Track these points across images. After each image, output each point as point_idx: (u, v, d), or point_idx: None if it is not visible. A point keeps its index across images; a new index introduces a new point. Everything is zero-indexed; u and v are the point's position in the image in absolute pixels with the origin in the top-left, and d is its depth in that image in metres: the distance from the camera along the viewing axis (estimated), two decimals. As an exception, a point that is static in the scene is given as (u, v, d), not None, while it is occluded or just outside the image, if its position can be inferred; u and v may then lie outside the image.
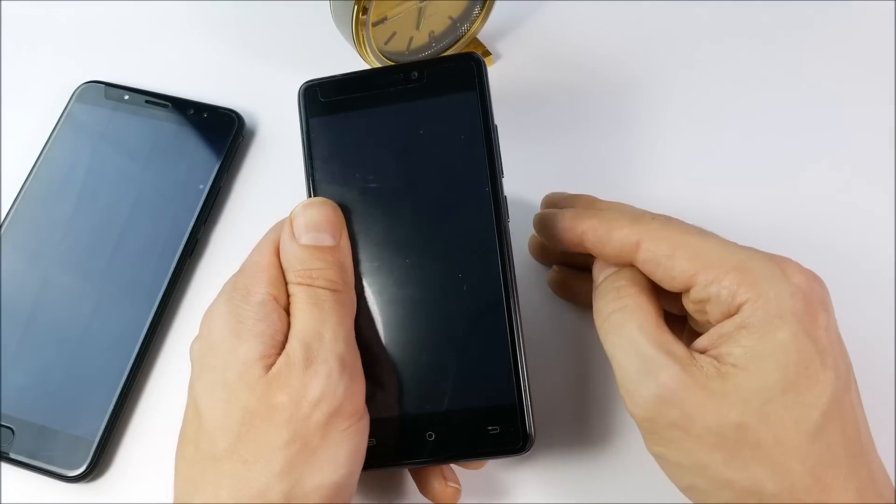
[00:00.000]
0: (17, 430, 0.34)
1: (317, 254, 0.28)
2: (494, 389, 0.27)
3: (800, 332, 0.24)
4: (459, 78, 0.29)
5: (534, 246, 0.36)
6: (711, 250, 0.27)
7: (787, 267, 0.26)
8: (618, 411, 0.34)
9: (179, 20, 0.46)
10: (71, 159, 0.41)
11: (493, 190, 0.28)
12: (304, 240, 0.28)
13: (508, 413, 0.27)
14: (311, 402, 0.25)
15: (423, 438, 0.28)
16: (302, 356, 0.26)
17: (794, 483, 0.24)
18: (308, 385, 0.25)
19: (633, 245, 0.28)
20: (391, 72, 0.30)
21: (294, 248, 0.28)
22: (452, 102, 0.29)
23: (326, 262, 0.27)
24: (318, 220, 0.28)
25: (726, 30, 0.44)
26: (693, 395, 0.25)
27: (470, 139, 0.28)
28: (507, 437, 0.27)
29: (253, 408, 0.25)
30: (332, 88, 0.30)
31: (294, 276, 0.27)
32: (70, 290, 0.37)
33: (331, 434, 0.25)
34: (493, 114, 0.29)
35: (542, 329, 0.36)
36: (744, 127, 0.41)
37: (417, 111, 0.29)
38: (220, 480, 0.25)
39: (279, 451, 0.25)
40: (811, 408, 0.24)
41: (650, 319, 0.27)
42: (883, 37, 0.43)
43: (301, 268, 0.27)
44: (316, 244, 0.28)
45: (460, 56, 0.29)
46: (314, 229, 0.28)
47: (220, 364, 0.26)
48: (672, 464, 0.26)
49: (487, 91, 0.29)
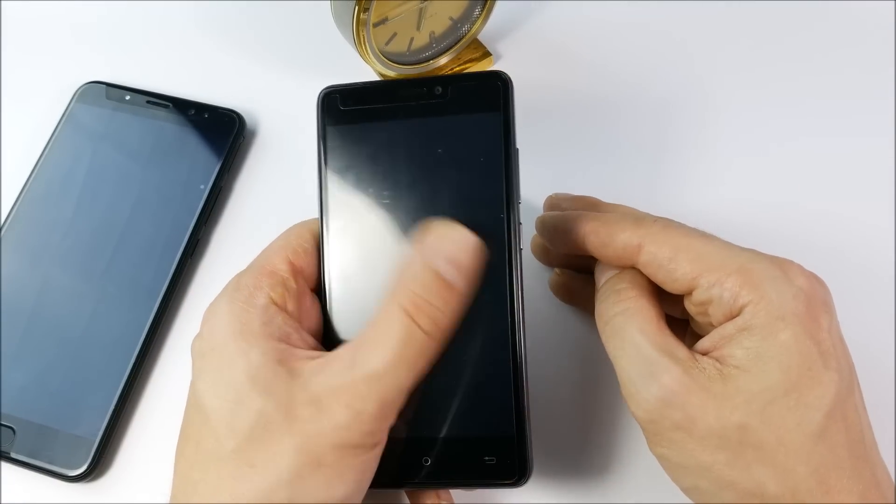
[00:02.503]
0: (18, 429, 0.34)
1: (444, 292, 0.24)
2: (493, 419, 0.27)
3: (802, 333, 0.25)
4: (484, 96, 0.28)
5: (536, 247, 0.36)
6: (713, 252, 0.27)
7: (789, 269, 0.26)
8: (620, 411, 0.34)
9: (180, 21, 0.46)
10: (72, 160, 0.41)
11: (507, 216, 0.27)
12: (440, 267, 0.24)
13: (506, 445, 0.26)
14: (333, 426, 0.24)
15: (420, 462, 0.27)
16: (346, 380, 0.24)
17: (796, 485, 0.24)
18: (338, 411, 0.24)
19: (634, 248, 0.28)
20: (414, 84, 0.29)
21: (423, 272, 0.25)
22: (475, 121, 0.28)
23: (447, 307, 0.24)
24: (465, 260, 0.25)
25: (729, 32, 0.44)
26: (695, 397, 0.25)
27: (489, 161, 0.27)
28: (502, 469, 0.26)
29: (269, 413, 0.24)
30: (352, 97, 0.29)
31: (404, 298, 0.24)
32: (71, 289, 0.37)
33: (346, 458, 0.24)
34: (515, 136, 0.27)
35: (545, 330, 0.36)
36: (744, 130, 0.41)
37: (438, 127, 0.28)
38: (222, 481, 0.24)
39: (290, 459, 0.24)
40: (814, 409, 0.24)
41: (652, 322, 0.27)
42: (883, 37, 0.43)
43: (417, 294, 0.24)
44: (448, 280, 0.25)
45: (487, 74, 0.28)
46: (455, 265, 0.25)
47: (227, 365, 0.25)
48: (675, 465, 0.26)
49: (512, 112, 0.27)
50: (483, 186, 0.27)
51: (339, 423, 0.24)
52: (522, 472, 0.26)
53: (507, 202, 0.27)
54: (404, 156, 0.28)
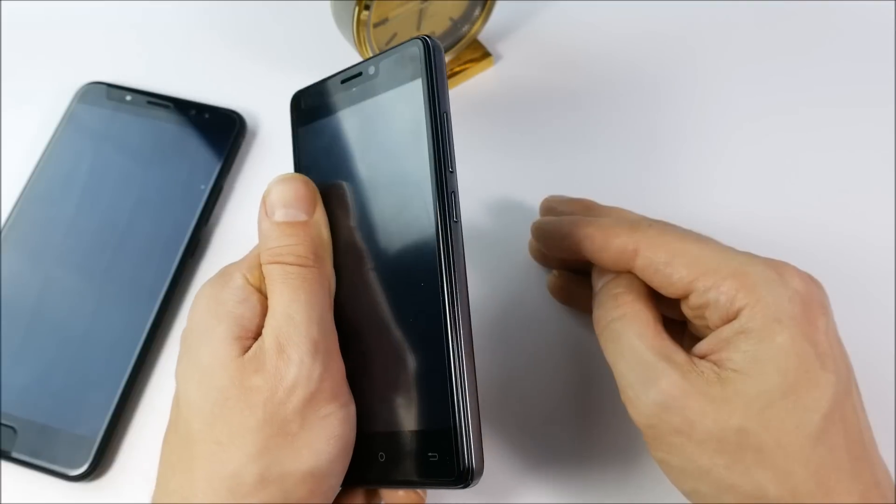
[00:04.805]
0: (20, 429, 0.35)
1: (288, 230, 0.27)
2: (434, 412, 0.25)
3: (798, 336, 0.25)
4: (408, 66, 0.26)
5: (533, 249, 0.36)
6: (709, 256, 0.27)
7: (784, 271, 0.26)
8: (619, 412, 0.34)
9: (181, 21, 0.46)
10: (73, 160, 0.41)
11: (437, 187, 0.25)
12: (276, 216, 0.27)
13: (445, 439, 0.24)
14: (286, 388, 0.24)
15: (375, 458, 0.26)
16: (273, 340, 0.25)
17: (796, 487, 0.24)
18: (281, 370, 0.24)
19: (630, 252, 0.28)
20: (353, 71, 0.28)
21: (266, 226, 0.27)
22: (401, 93, 0.27)
23: (298, 238, 0.26)
24: (289, 195, 0.27)
25: (729, 32, 0.44)
26: (694, 401, 0.25)
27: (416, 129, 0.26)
28: (443, 467, 0.24)
29: (226, 388, 0.25)
30: (310, 95, 0.30)
31: (266, 256, 0.27)
32: (72, 289, 0.37)
33: (309, 420, 0.24)
34: (441, 100, 0.26)
35: (543, 332, 0.36)
36: (745, 131, 0.41)
37: (373, 108, 0.28)
38: (195, 462, 0.25)
39: (253, 433, 0.24)
40: (812, 411, 0.24)
41: (649, 327, 0.27)
42: (883, 37, 0.43)
43: (273, 245, 0.26)
44: (287, 220, 0.27)
45: (408, 42, 0.27)
46: (285, 205, 0.27)
47: (196, 345, 0.26)
48: (675, 469, 0.26)
49: (435, 74, 0.26)
50: (412, 160, 0.26)
51: (287, 379, 0.24)
52: (461, 470, 0.24)
53: (436, 171, 0.25)
54: (352, 144, 0.28)
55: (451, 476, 0.24)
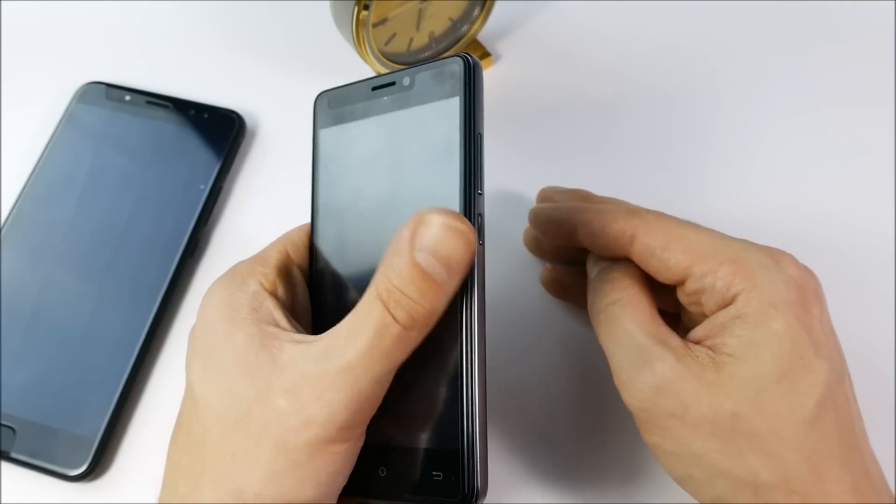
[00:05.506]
0: (19, 429, 0.34)
1: (422, 283, 0.23)
2: (443, 432, 0.25)
3: (794, 321, 0.25)
4: (447, 82, 0.26)
5: (529, 239, 0.36)
6: (706, 242, 0.27)
7: (781, 258, 0.26)
8: (614, 406, 0.34)
9: (181, 21, 0.46)
10: (72, 160, 0.41)
11: (465, 208, 0.25)
12: (418, 257, 0.23)
13: (451, 460, 0.24)
14: (306, 419, 0.23)
15: (376, 472, 0.26)
16: (320, 369, 0.23)
17: (789, 472, 0.24)
18: (311, 403, 0.23)
19: (627, 238, 0.28)
20: (385, 80, 0.28)
21: (402, 263, 0.23)
22: (435, 109, 0.26)
23: (425, 298, 0.23)
24: (449, 251, 0.23)
25: (729, 32, 0.44)
26: (688, 384, 0.25)
27: (449, 149, 0.25)
28: (448, 487, 0.24)
29: (249, 400, 0.24)
30: (335, 97, 0.29)
31: (382, 288, 0.23)
32: (71, 289, 0.37)
33: (319, 454, 0.23)
34: (477, 121, 0.26)
35: (536, 326, 0.36)
36: (745, 129, 0.41)
37: (403, 120, 0.27)
38: (205, 470, 0.24)
39: (266, 453, 0.23)
40: (805, 397, 0.24)
41: (644, 311, 0.27)
42: (883, 37, 0.43)
43: (395, 285, 0.23)
44: (428, 272, 0.23)
45: (449, 58, 0.26)
46: (435, 255, 0.23)
47: (215, 349, 0.25)
48: (667, 453, 0.26)
49: (472, 95, 0.25)
50: (441, 177, 0.26)
51: (311, 416, 0.23)
52: (466, 491, 0.24)
53: (464, 192, 0.25)
54: (379, 154, 0.28)
55: (454, 497, 0.24)
